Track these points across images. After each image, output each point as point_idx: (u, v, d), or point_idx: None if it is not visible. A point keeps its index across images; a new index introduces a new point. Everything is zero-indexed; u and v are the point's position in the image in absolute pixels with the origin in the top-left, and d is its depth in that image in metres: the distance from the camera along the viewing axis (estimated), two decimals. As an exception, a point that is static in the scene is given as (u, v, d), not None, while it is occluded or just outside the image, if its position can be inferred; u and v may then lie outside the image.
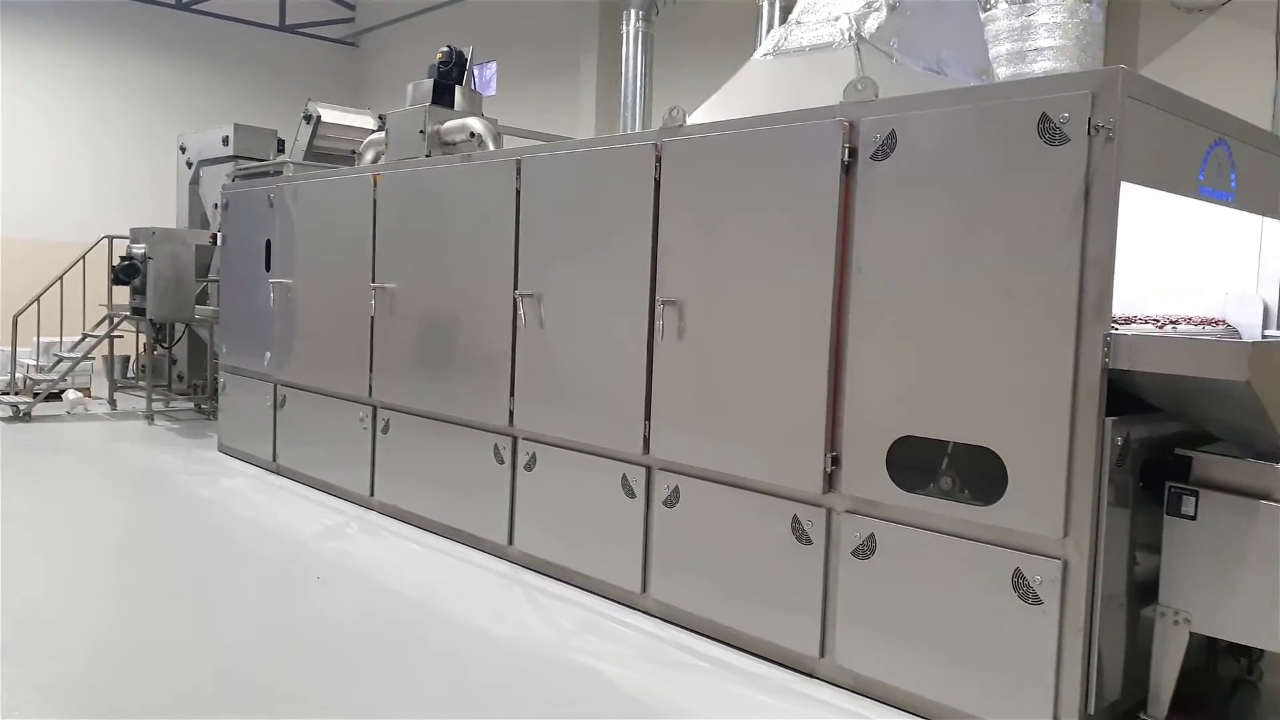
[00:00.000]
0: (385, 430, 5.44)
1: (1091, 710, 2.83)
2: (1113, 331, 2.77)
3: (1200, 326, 3.67)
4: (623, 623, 3.88)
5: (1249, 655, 3.48)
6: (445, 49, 5.86)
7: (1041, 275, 2.82)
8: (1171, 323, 3.56)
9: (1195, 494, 2.86)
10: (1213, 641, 3.40)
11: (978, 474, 2.97)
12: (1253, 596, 2.75)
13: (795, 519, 3.46)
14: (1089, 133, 2.70)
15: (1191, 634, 2.88)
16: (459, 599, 4.10)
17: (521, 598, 4.15)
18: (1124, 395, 2.87)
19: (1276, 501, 2.73)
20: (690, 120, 3.94)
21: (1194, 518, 2.86)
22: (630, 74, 7.23)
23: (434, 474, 5.08)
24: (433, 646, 3.59)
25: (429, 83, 5.70)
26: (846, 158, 3.26)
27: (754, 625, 3.59)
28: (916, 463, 3.11)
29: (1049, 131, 2.79)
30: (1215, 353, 2.63)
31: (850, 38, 3.81)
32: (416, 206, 5.22)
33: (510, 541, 4.61)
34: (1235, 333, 3.72)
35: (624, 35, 7.25)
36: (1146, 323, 3.53)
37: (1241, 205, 3.41)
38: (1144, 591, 3.01)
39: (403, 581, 4.30)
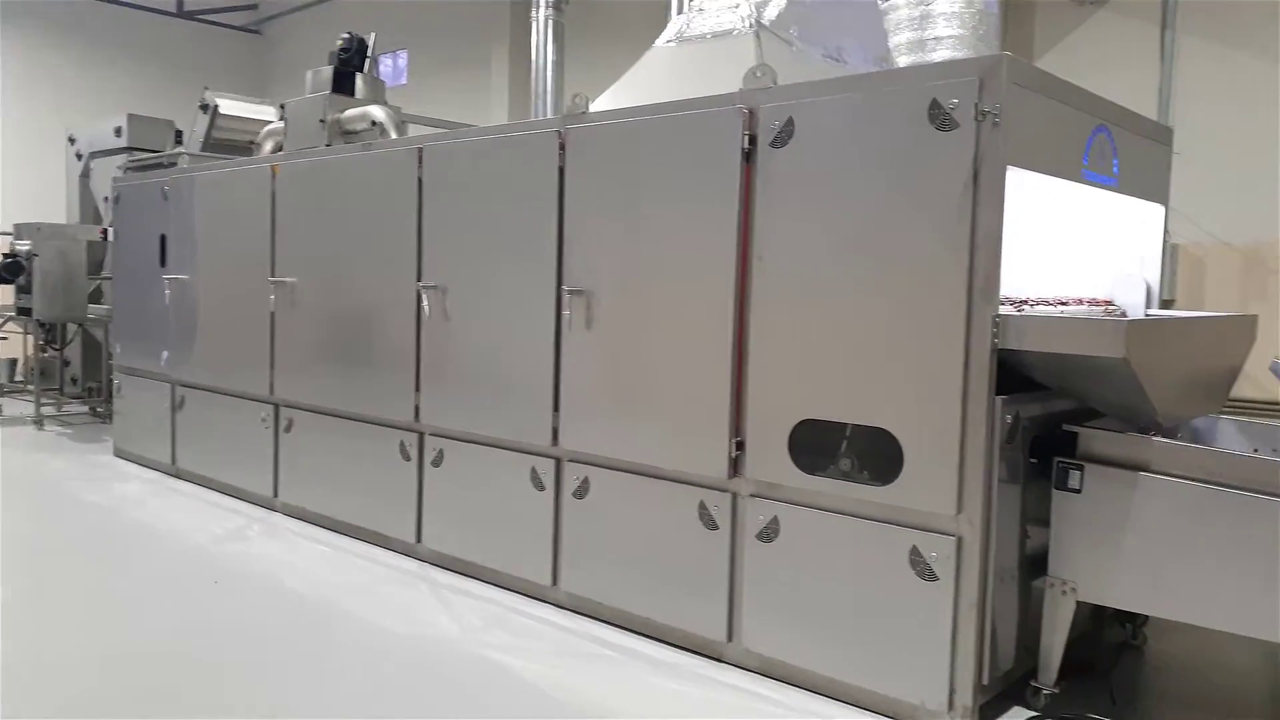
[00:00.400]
0: (288, 429, 5.28)
1: (985, 681, 2.92)
2: (1001, 312, 2.84)
3: (1090, 307, 3.80)
4: (533, 616, 3.84)
5: (1134, 620, 3.64)
6: (346, 35, 5.70)
7: (934, 258, 2.88)
8: (1062, 303, 3.68)
9: (1081, 468, 2.96)
10: (1100, 609, 3.54)
11: (876, 455, 3.02)
12: (1134, 564, 2.87)
13: (702, 505, 3.47)
14: (976, 118, 2.76)
15: (1079, 603, 2.98)
16: (364, 599, 4.00)
17: (429, 595, 4.08)
18: (1015, 375, 2.95)
19: (1153, 472, 2.85)
20: (593, 107, 3.91)
21: (1079, 491, 2.96)
22: (541, 63, 7.15)
23: (339, 473, 4.95)
24: (335, 648, 3.50)
25: (329, 70, 5.54)
26: (747, 145, 3.27)
27: (664, 613, 3.59)
28: (818, 445, 3.15)
29: (939, 117, 2.85)
30: (1095, 331, 2.72)
31: (751, 25, 3.83)
32: (317, 198, 5.07)
33: (419, 539, 4.53)
34: (1122, 312, 3.86)
35: (534, 24, 7.16)
36: (1040, 304, 3.64)
37: (1124, 190, 3.54)
38: (1035, 564, 3.11)
39: (306, 583, 4.18)
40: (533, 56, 7.21)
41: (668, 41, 4.18)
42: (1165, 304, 5.93)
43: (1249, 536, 2.67)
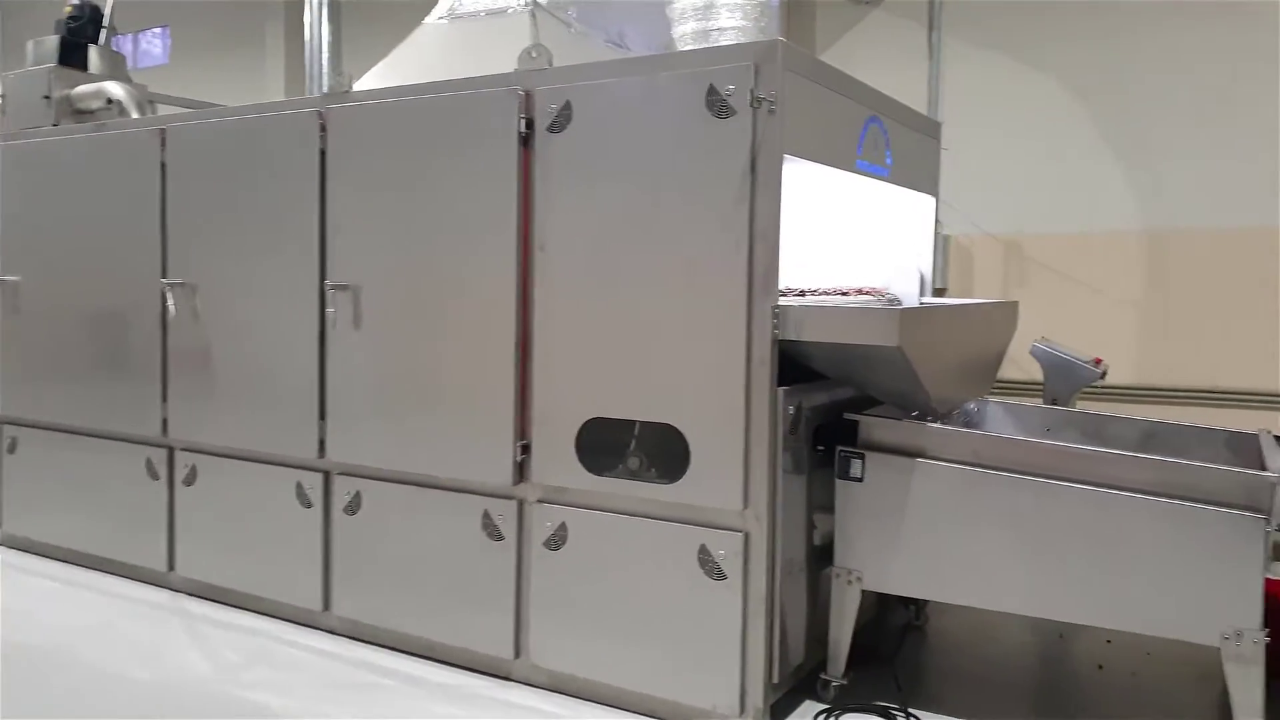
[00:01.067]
0: (13, 450, 4.58)
1: (776, 679, 2.87)
2: (781, 303, 2.79)
3: (869, 296, 3.87)
4: (302, 646, 3.48)
5: (916, 602, 3.74)
6: (76, 2, 5.01)
7: (714, 249, 2.79)
8: (842, 293, 3.72)
9: (862, 456, 2.97)
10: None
11: (664, 452, 2.90)
12: (915, 550, 2.90)
13: (486, 515, 3.24)
14: (752, 105, 2.69)
15: (865, 590, 3.00)
16: (101, 640, 3.49)
17: (181, 631, 3.62)
18: (798, 365, 2.92)
19: (929, 458, 2.89)
20: (360, 86, 3.59)
21: (861, 479, 2.97)
22: (316, 42, 6.64)
23: (76, 497, 4.34)
24: (58, 703, 3.00)
25: (54, 40, 4.85)
26: (523, 129, 3.07)
27: (447, 633, 3.34)
28: (606, 445, 3.00)
29: (717, 104, 2.76)
30: (869, 320, 2.72)
31: (526, 3, 3.62)
32: (44, 185, 4.42)
33: (171, 567, 4.02)
34: (898, 301, 3.96)
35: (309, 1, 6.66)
36: (821, 294, 3.66)
37: (896, 180, 3.61)
38: (823, 555, 3.10)
39: (30, 626, 3.60)
40: (306, 35, 6.69)
41: (439, 18, 3.91)
42: (938, 292, 6.27)
43: (1017, 517, 2.76)
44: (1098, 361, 4.49)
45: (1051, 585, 2.73)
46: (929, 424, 2.93)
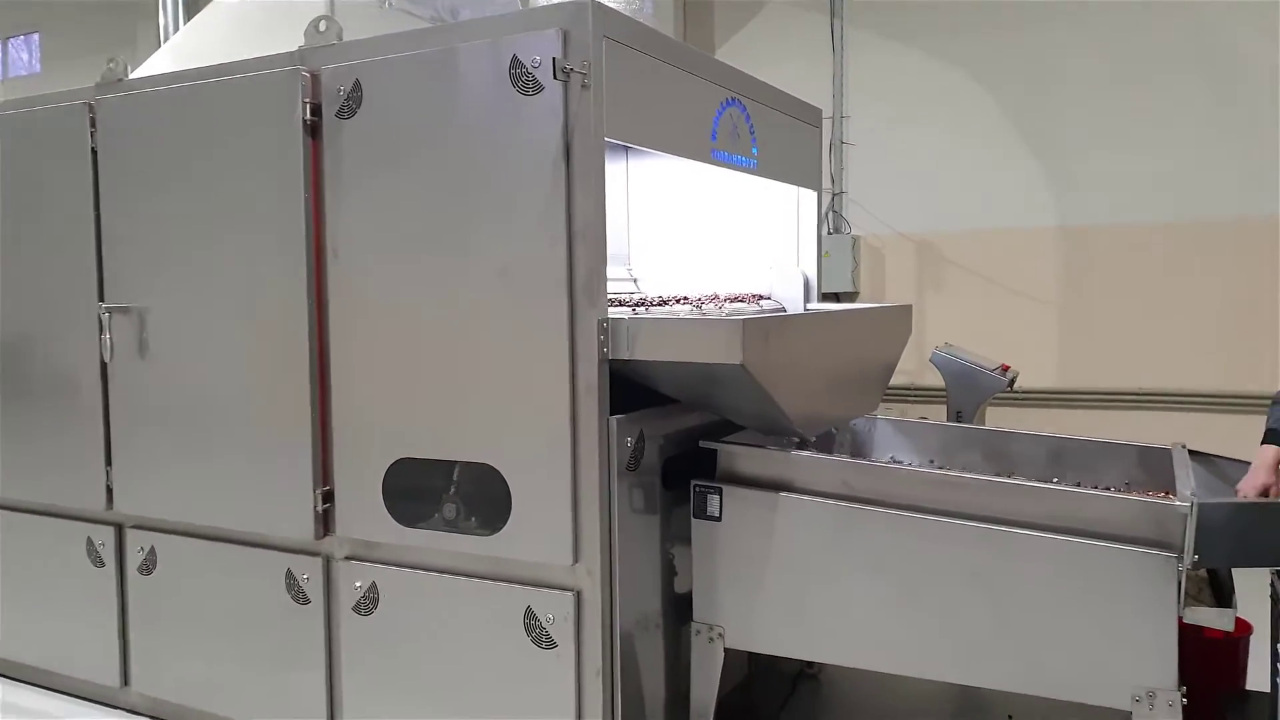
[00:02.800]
0: None
1: (619, 762, 2.41)
2: (611, 316, 2.34)
3: (744, 305, 3.45)
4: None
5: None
6: None
7: (528, 253, 2.33)
8: (714, 300, 3.29)
9: (719, 491, 2.53)
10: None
11: (484, 497, 2.44)
12: (781, 601, 2.46)
13: (290, 574, 2.74)
14: (559, 77, 2.23)
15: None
16: None
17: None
18: (648, 390, 2.47)
19: (797, 491, 2.46)
20: (140, 74, 3.08)
21: (719, 518, 2.53)
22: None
23: None
24: None
25: None
26: (310, 116, 2.58)
27: (255, 709, 2.83)
28: (419, 490, 2.52)
29: (522, 78, 2.30)
30: (707, 334, 2.27)
31: (334, -24, 3.14)
32: None
33: (-56, 643, 3.45)
34: (781, 308, 3.54)
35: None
36: (692, 303, 3.23)
37: (767, 173, 3.18)
38: (686, 605, 2.65)
39: None
40: (160, 36, 6.13)
41: (240, -4, 3.40)
42: (848, 297, 5.88)
43: (895, 560, 2.33)
44: (1005, 368, 4.11)
45: (936, 641, 2.31)
46: (793, 451, 2.50)
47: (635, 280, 3.77)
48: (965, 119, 5.79)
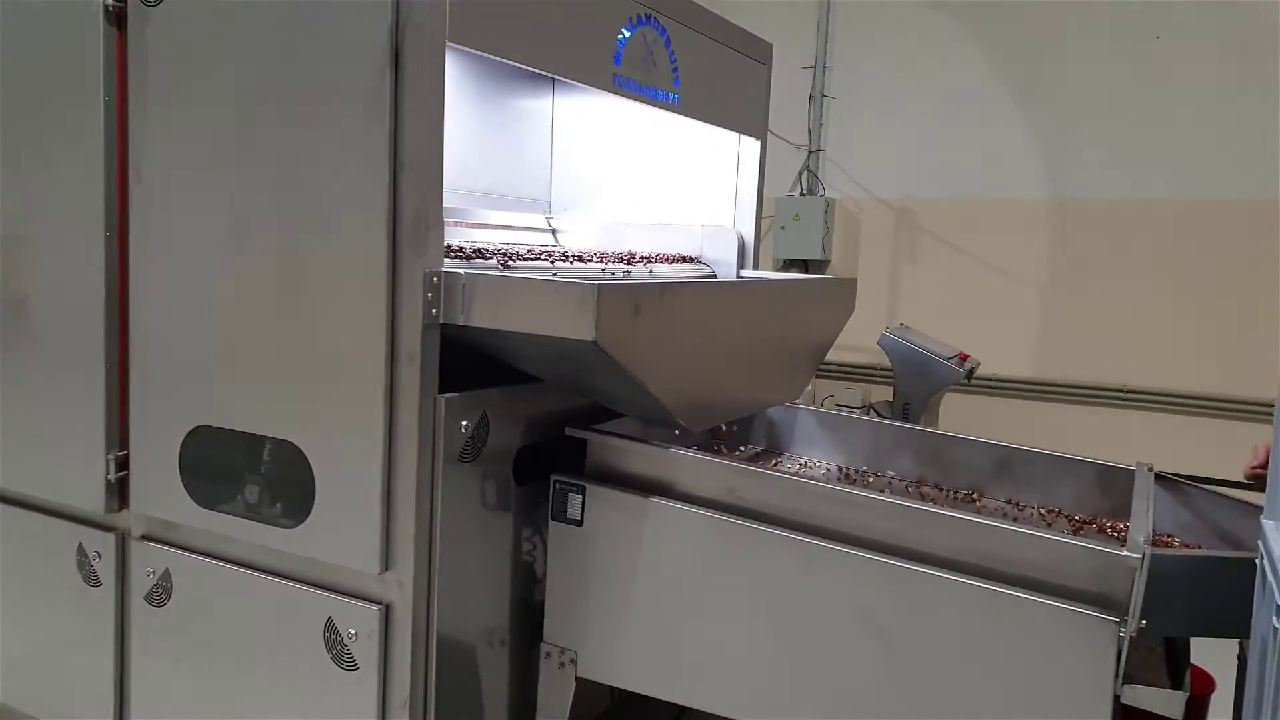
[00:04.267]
0: None
1: (427, 815, 2.00)
2: (445, 270, 1.88)
3: (670, 265, 2.99)
4: None
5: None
6: None
7: (340, 183, 1.87)
8: (629, 260, 2.82)
9: (581, 490, 2.09)
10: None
11: (286, 482, 2.00)
12: (641, 628, 2.04)
13: (81, 549, 2.32)
14: (385, -40, 1.75)
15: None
16: None
17: None
18: (500, 362, 2.03)
19: (674, 497, 2.02)
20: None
21: (580, 523, 2.09)
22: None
23: None
24: None
25: None
26: (114, 2, 2.10)
27: (36, 700, 2.43)
28: (218, 466, 2.09)
29: (346, -40, 1.81)
30: (553, 301, 1.80)
31: None
32: None
33: None
34: (711, 273, 3.08)
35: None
36: (600, 261, 2.76)
37: (693, 113, 2.69)
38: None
39: None
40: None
41: None
42: (816, 266, 5.40)
43: (779, 590, 1.90)
44: (964, 357, 3.64)
45: (818, 694, 1.89)
46: (672, 448, 2.06)
47: (555, 233, 3.30)
48: (957, 75, 5.26)
